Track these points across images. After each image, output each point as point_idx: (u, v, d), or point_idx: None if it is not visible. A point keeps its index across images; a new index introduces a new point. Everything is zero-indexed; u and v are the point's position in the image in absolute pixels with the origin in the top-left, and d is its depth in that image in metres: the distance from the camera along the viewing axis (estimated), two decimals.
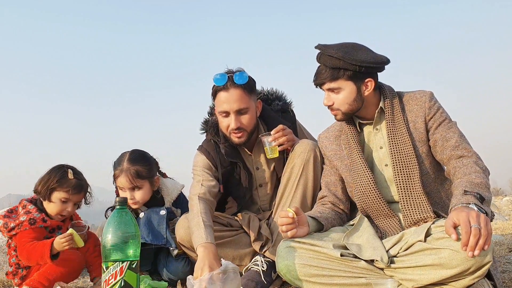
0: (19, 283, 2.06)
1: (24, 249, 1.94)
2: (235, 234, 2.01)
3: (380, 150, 1.74)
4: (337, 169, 1.83)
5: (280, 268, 1.57)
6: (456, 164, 1.58)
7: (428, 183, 1.66)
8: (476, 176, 1.49)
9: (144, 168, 2.13)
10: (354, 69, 1.65)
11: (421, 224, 1.58)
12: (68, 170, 2.10)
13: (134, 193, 2.12)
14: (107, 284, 1.26)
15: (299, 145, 1.93)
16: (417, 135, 1.68)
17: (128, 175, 2.08)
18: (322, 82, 1.71)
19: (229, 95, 1.93)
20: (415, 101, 1.72)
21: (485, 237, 1.25)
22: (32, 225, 2.00)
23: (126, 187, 2.11)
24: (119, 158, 2.18)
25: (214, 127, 2.10)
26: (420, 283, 1.42)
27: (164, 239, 2.04)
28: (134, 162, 2.12)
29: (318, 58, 1.72)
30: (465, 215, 1.29)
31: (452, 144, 1.62)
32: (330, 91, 1.71)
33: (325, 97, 1.73)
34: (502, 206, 6.93)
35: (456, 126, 1.68)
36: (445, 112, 1.70)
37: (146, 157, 2.21)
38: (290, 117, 2.16)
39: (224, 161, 2.07)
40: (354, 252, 1.53)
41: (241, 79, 1.92)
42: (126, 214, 1.33)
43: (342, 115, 1.73)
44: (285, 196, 1.94)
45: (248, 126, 1.98)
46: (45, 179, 2.06)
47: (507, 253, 2.44)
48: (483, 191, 1.42)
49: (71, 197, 2.07)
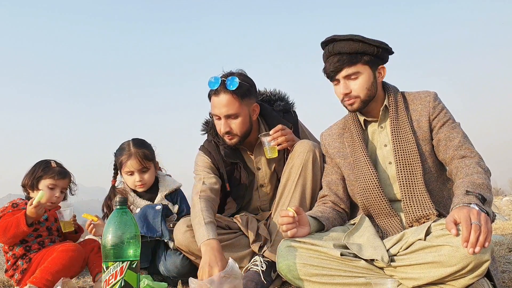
0: (20, 277, 2.07)
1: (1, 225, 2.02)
2: (234, 237, 2.02)
3: (384, 148, 1.74)
4: (339, 167, 1.83)
5: (281, 268, 1.57)
6: (459, 164, 1.59)
7: (430, 182, 1.67)
8: (478, 176, 1.49)
9: (149, 150, 2.31)
10: (372, 52, 1.67)
11: (422, 221, 1.58)
12: (51, 161, 2.27)
13: (143, 175, 2.27)
14: (107, 284, 1.26)
15: (299, 146, 1.94)
16: (420, 134, 1.69)
17: (138, 157, 2.24)
18: (340, 68, 1.68)
19: (219, 100, 1.95)
20: (419, 100, 1.73)
21: (485, 234, 1.25)
22: (15, 208, 2.13)
23: (136, 169, 2.25)
24: (121, 146, 2.32)
25: (214, 128, 2.10)
26: (420, 282, 1.42)
27: (159, 232, 2.09)
28: (140, 146, 2.29)
29: (330, 48, 1.71)
30: (466, 212, 1.30)
31: (455, 144, 1.62)
32: (347, 78, 1.70)
33: (342, 86, 1.70)
34: (502, 206, 6.93)
35: (459, 127, 1.69)
36: (449, 113, 1.71)
37: (147, 142, 2.38)
38: (292, 118, 2.16)
39: (225, 161, 2.09)
40: (354, 251, 1.54)
41: (232, 85, 1.92)
42: (126, 214, 1.33)
43: (360, 103, 1.71)
44: (284, 196, 1.94)
45: (238, 131, 1.99)
46: (31, 172, 2.22)
47: (507, 253, 2.44)
48: (484, 192, 1.42)
49: (57, 183, 2.21)
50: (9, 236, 2.03)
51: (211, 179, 2.03)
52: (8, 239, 2.04)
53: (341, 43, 1.68)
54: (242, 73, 2.05)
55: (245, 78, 2.01)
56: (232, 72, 2.04)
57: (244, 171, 2.09)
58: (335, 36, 1.71)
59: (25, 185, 2.22)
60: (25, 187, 2.23)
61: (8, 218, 2.05)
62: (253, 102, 2.04)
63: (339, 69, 1.69)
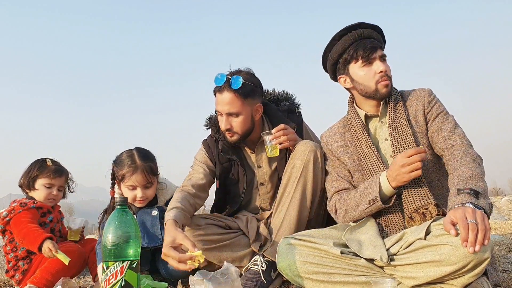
0: (20, 278, 2.07)
1: (23, 229, 2.00)
2: (234, 236, 2.02)
3: (385, 142, 1.77)
4: (345, 164, 1.84)
5: (281, 266, 1.58)
6: (448, 156, 1.60)
7: (429, 173, 1.68)
8: (466, 168, 1.49)
9: (154, 164, 2.16)
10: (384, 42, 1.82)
11: (421, 211, 1.59)
12: (47, 160, 2.26)
13: (146, 190, 2.11)
14: (108, 283, 1.26)
15: (300, 146, 1.94)
16: (417, 127, 1.72)
17: (144, 172, 2.07)
18: (376, 47, 1.75)
19: (222, 98, 1.98)
20: (415, 96, 1.78)
21: (483, 231, 1.26)
22: (24, 207, 2.11)
23: (140, 184, 2.09)
24: (123, 157, 2.14)
25: (217, 124, 2.13)
26: (420, 281, 1.43)
27: (159, 239, 2.05)
28: (146, 159, 2.12)
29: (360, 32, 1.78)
30: (461, 212, 1.30)
31: (445, 135, 1.65)
32: (382, 58, 1.76)
33: (380, 64, 1.74)
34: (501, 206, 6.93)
35: (452, 118, 1.71)
36: (442, 106, 1.75)
37: (152, 154, 2.21)
38: (296, 118, 2.17)
39: (222, 157, 2.11)
40: (354, 250, 1.54)
41: (235, 84, 1.94)
42: (127, 214, 1.33)
43: (390, 86, 1.76)
44: (285, 196, 1.94)
45: (239, 129, 2.02)
46: (27, 172, 2.22)
47: (506, 253, 2.44)
48: (475, 183, 1.43)
49: (53, 182, 2.21)
50: (23, 245, 2.06)
51: (199, 175, 2.07)
52: (21, 245, 2.08)
53: (369, 29, 1.79)
54: (249, 72, 2.06)
55: (251, 78, 2.02)
56: (240, 70, 2.05)
57: (241, 168, 2.10)
58: (361, 22, 1.79)
59: (22, 185, 2.22)
60: (22, 187, 2.23)
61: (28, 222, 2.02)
62: (256, 102, 2.05)
63: (376, 48, 1.75)
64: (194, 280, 1.51)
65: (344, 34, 1.79)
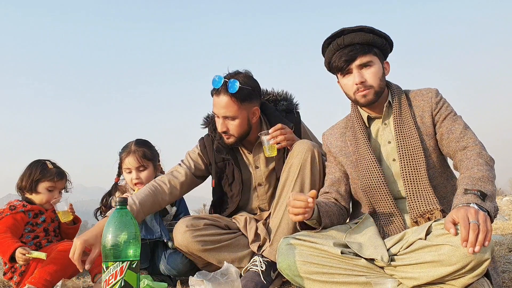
0: (19, 280, 2.07)
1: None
2: (233, 237, 2.02)
3: (388, 144, 1.74)
4: (342, 165, 1.83)
5: (281, 265, 1.58)
6: (461, 157, 1.59)
7: (434, 177, 1.66)
8: (478, 169, 1.48)
9: (149, 150, 2.36)
10: (380, 44, 1.70)
11: (427, 216, 1.59)
12: (47, 162, 2.27)
13: (140, 173, 2.29)
14: (107, 284, 1.26)
15: (297, 145, 1.94)
16: (424, 129, 1.69)
17: (136, 155, 2.29)
18: (354, 57, 1.66)
19: (219, 101, 1.98)
20: (421, 97, 1.74)
21: (484, 233, 1.25)
22: (13, 210, 2.11)
23: (133, 167, 2.29)
24: (125, 145, 2.38)
25: (214, 123, 2.13)
26: (420, 281, 1.42)
27: (157, 232, 2.10)
28: (140, 145, 2.35)
29: (340, 41, 1.69)
30: (464, 212, 1.29)
31: (456, 136, 1.63)
32: (361, 67, 1.68)
33: (356, 75, 1.67)
34: (502, 206, 6.93)
35: (461, 119, 1.69)
36: (450, 106, 1.71)
37: (150, 143, 2.43)
38: (294, 118, 2.17)
39: (217, 156, 2.12)
40: (354, 250, 1.54)
41: (231, 88, 1.93)
42: (126, 214, 1.33)
43: (374, 94, 1.69)
44: (283, 196, 1.94)
45: (235, 132, 2.02)
46: (27, 174, 2.21)
47: (507, 253, 2.44)
48: (484, 186, 1.42)
49: (56, 185, 2.24)
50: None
51: (182, 171, 2.14)
52: None
53: (351, 34, 1.68)
54: (247, 75, 2.05)
55: (248, 81, 2.01)
56: (238, 72, 2.05)
57: (236, 168, 2.10)
58: (344, 29, 1.70)
59: (23, 188, 2.20)
60: (22, 189, 2.21)
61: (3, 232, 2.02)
62: (253, 105, 2.04)
63: (353, 58, 1.67)
64: (194, 280, 1.50)
65: (329, 42, 1.76)
